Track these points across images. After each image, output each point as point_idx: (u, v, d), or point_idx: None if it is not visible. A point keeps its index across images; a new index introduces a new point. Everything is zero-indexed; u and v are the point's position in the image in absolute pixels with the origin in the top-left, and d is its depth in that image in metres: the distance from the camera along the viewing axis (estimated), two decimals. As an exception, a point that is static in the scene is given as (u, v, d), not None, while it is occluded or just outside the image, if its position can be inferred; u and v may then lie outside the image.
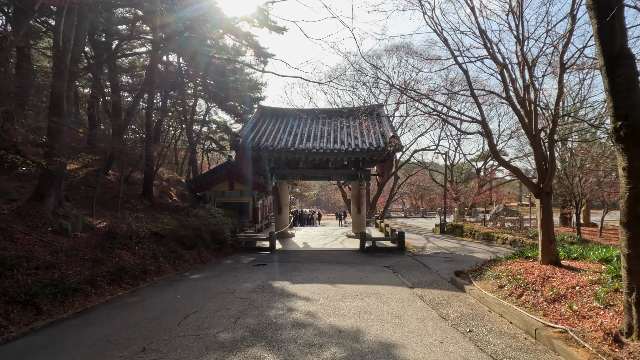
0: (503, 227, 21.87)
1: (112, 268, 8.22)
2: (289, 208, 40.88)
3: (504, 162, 8.82)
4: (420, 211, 42.13)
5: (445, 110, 9.15)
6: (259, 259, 12.89)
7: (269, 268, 11.06)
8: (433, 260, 13.32)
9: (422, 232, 24.31)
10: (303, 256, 13.70)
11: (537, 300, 6.34)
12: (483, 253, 15.02)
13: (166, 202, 16.52)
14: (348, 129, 17.48)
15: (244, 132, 16.68)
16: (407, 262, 12.67)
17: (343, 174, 17.26)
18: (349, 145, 15.80)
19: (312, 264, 11.89)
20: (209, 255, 12.79)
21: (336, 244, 17.00)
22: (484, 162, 32.99)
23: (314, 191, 48.11)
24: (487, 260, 10.28)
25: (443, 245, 17.34)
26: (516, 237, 16.64)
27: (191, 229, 12.87)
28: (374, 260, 13.02)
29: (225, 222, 14.77)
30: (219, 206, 22.17)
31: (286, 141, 16.25)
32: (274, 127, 17.70)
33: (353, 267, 11.48)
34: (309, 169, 17.31)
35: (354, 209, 18.74)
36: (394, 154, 15.39)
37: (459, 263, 12.66)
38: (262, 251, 15.22)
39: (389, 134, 15.67)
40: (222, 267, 11.29)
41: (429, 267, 11.86)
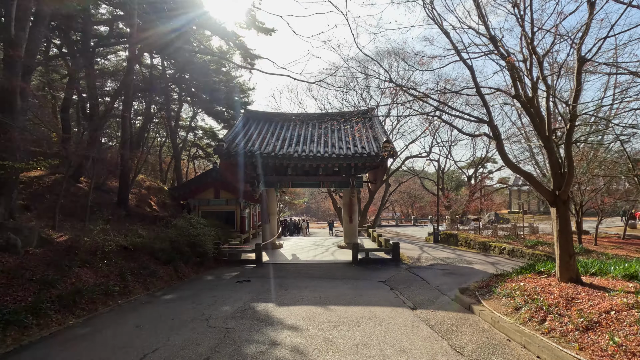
0: (497, 236, 21.06)
1: (65, 291, 6.91)
2: (277, 217, 39.62)
3: (514, 166, 7.91)
4: (412, 219, 41.33)
5: (447, 110, 8.16)
6: (243, 274, 11.64)
7: (253, 285, 9.83)
8: (431, 273, 12.29)
9: (415, 241, 23.33)
10: (291, 270, 12.50)
11: (566, 328, 5.31)
12: (482, 264, 14.08)
13: (144, 211, 15.18)
14: (339, 134, 16.50)
15: (229, 137, 15.52)
16: (404, 276, 11.59)
17: (334, 180, 16.21)
18: (340, 150, 14.80)
19: (301, 279, 10.70)
20: (188, 271, 11.49)
21: (327, 255, 15.85)
22: (475, 169, 32.46)
23: (304, 199, 46.88)
24: (492, 274, 9.27)
25: (439, 256, 16.36)
26: (514, 246, 15.77)
27: (168, 241, 11.57)
28: (368, 273, 11.91)
29: (207, 233, 13.49)
30: (203, 215, 20.89)
31: (274, 146, 15.16)
32: (261, 132, 16.60)
33: (346, 282, 10.34)
34: (298, 176, 16.21)
35: (346, 217, 17.68)
36: (387, 159, 14.45)
37: (459, 276, 11.66)
38: (248, 264, 13.97)
39: (382, 138, 14.74)
40: (200, 285, 10.01)
41: (428, 281, 10.81)
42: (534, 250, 14.59)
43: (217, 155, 14.90)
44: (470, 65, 7.76)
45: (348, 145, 15.33)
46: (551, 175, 7.17)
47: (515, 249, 15.50)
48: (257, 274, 11.66)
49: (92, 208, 13.05)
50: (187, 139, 32.51)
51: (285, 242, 20.52)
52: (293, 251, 16.95)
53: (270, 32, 17.46)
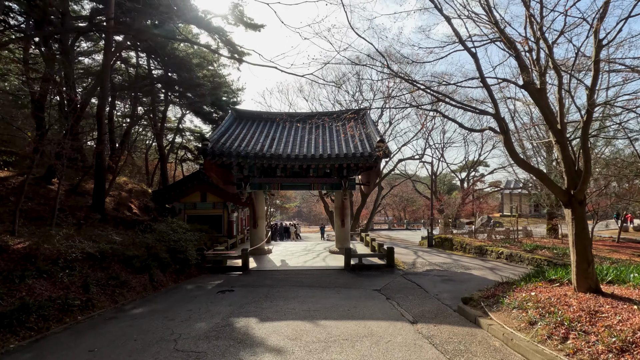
0: (491, 239, 20.39)
1: (10, 307, 5.86)
2: (266, 221, 38.41)
3: (523, 162, 7.16)
4: (405, 223, 40.64)
5: (448, 101, 7.37)
6: (226, 283, 10.63)
7: (235, 296, 8.84)
8: (428, 280, 11.45)
9: (409, 246, 22.56)
10: (279, 277, 11.54)
11: (595, 349, 4.49)
12: (480, 270, 13.32)
13: (123, 215, 14.08)
14: (331, 134, 15.66)
15: (214, 136, 14.54)
16: (400, 284, 10.73)
17: (325, 183, 15.34)
18: (332, 150, 13.95)
19: (289, 288, 9.75)
20: (166, 280, 10.45)
21: (318, 261, 14.92)
22: (468, 172, 31.95)
23: (295, 203, 45.86)
24: (497, 283, 8.45)
25: (434, 261, 15.56)
26: (512, 250, 15.05)
27: (144, 247, 10.52)
28: (362, 281, 11.02)
29: (189, 238, 12.46)
30: (189, 219, 19.79)
31: (262, 146, 14.24)
32: (249, 132, 15.67)
33: (338, 292, 9.42)
34: (288, 178, 15.29)
35: (337, 221, 16.79)
36: (381, 160, 13.65)
37: (458, 283, 10.85)
38: (233, 271, 12.96)
39: (376, 138, 13.94)
40: (177, 296, 8.98)
41: (426, 289, 9.97)
42: (533, 255, 13.88)
43: (201, 155, 13.92)
44: (474, 52, 7.00)
45: (340, 145, 14.49)
46: (565, 172, 6.41)
47: (513, 254, 14.78)
48: (242, 283, 10.67)
49: (64, 212, 11.94)
50: (175, 141, 31.37)
51: (275, 247, 19.53)
52: (282, 257, 15.98)
53: (259, 28, 16.62)
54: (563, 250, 13.62)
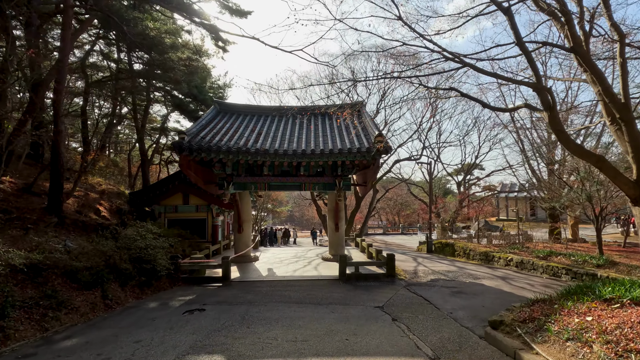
0: (492, 244, 18.85)
1: None
2: (256, 225, 36.22)
3: (578, 147, 5.59)
4: (400, 227, 38.98)
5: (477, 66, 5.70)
6: (199, 299, 8.75)
7: (205, 318, 6.99)
8: (435, 292, 9.74)
9: (407, 251, 20.86)
10: (264, 291, 9.70)
11: None
12: (491, 279, 11.66)
13: (86, 219, 12.14)
14: (324, 129, 13.95)
15: (192, 129, 12.71)
16: (405, 298, 8.98)
17: (318, 182, 13.60)
18: (325, 146, 12.24)
19: (274, 306, 7.92)
20: (125, 295, 8.54)
21: (309, 269, 13.10)
22: (465, 175, 30.55)
23: (287, 207, 43.93)
24: (531, 300, 6.73)
25: (438, 269, 13.87)
26: (523, 257, 13.44)
27: (99, 256, 8.62)
28: (360, 294, 9.24)
29: (158, 244, 10.56)
30: (170, 223, 17.87)
31: (247, 141, 12.45)
32: (233, 126, 13.87)
33: (332, 310, 7.62)
34: (276, 177, 13.51)
35: (331, 225, 15.03)
36: (380, 156, 11.98)
37: (471, 297, 9.15)
38: (212, 283, 11.10)
39: (374, 132, 12.29)
40: (132, 318, 7.09)
41: (437, 305, 8.25)
42: (548, 262, 12.28)
43: (176, 151, 12.07)
44: (506, 7, 5.37)
45: (334, 140, 12.78)
46: (632, 159, 4.77)
47: (524, 261, 13.16)
48: (218, 298, 8.80)
49: (9, 213, 9.96)
50: (160, 142, 29.38)
51: (263, 254, 17.65)
52: (270, 265, 14.12)
53: (246, 15, 14.93)
54: (582, 257, 12.04)
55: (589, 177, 11.83)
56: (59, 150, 10.74)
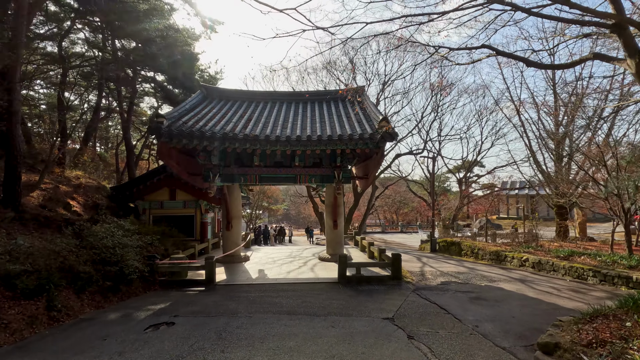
0: (495, 243, 17.48)
1: None
2: (251, 223, 34.54)
3: None
4: (399, 225, 37.53)
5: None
6: (171, 308, 7.20)
7: (170, 337, 5.45)
8: (451, 298, 8.28)
9: (409, 251, 19.40)
10: (251, 297, 8.18)
11: None
12: (508, 282, 10.22)
13: (51, 213, 10.55)
14: (322, 115, 12.43)
15: (173, 113, 11.15)
16: (417, 306, 7.50)
17: (315, 174, 12.09)
18: (323, 132, 10.73)
19: (260, 319, 6.40)
20: (81, 304, 6.97)
21: (305, 271, 11.58)
22: (466, 172, 29.17)
23: (283, 205, 42.34)
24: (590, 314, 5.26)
25: (446, 270, 12.42)
26: (541, 257, 12.02)
27: (49, 257, 7.04)
28: (364, 302, 7.75)
29: (129, 243, 9.00)
30: (156, 220, 16.30)
31: (234, 126, 10.90)
32: (220, 112, 12.32)
33: (332, 323, 6.12)
34: (268, 168, 11.99)
35: (329, 222, 13.54)
36: (385, 143, 10.50)
37: (494, 304, 7.70)
38: (194, 287, 9.58)
39: (378, 118, 10.81)
40: (77, 336, 5.53)
41: (456, 315, 6.77)
42: (570, 263, 10.86)
43: (154, 136, 10.51)
44: None
45: (333, 126, 11.27)
46: None
47: (543, 261, 11.74)
48: (195, 307, 7.26)
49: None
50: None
51: (254, 254, 16.11)
52: (261, 265, 12.59)
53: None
54: (609, 257, 10.64)
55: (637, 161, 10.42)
56: (14, 134, 9.12)
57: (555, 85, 21.52)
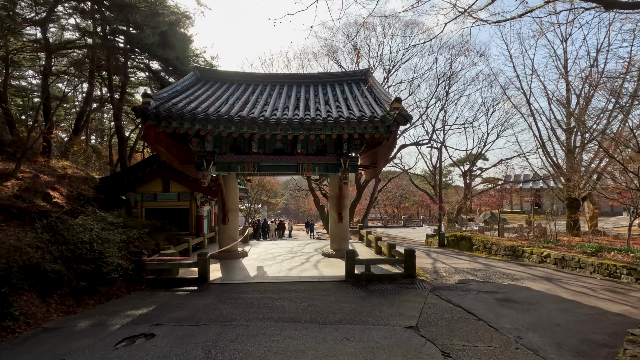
0: (503, 237, 16.41)
1: None
2: (245, 217, 33.27)
3: None
4: (402, 219, 36.44)
5: None
6: (155, 314, 6.07)
7: (146, 356, 4.32)
8: (476, 300, 7.19)
9: (415, 245, 18.31)
10: (249, 299, 7.06)
11: None
12: (534, 281, 9.13)
13: (26, 204, 9.38)
14: (326, 97, 11.22)
15: (162, 94, 9.93)
16: (440, 310, 6.40)
17: (318, 163, 10.93)
18: (329, 115, 9.54)
19: (259, 328, 5.28)
20: (47, 310, 5.83)
21: (307, 268, 10.47)
22: (470, 165, 28.07)
23: (283, 198, 41.14)
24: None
25: (460, 266, 11.35)
26: (564, 253, 10.94)
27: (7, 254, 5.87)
28: (378, 305, 6.64)
29: (110, 238, 7.84)
30: (149, 213, 15.17)
31: (230, 108, 9.70)
32: (215, 94, 11.09)
33: (346, 335, 5.00)
34: (268, 156, 10.81)
35: (333, 215, 12.41)
36: (397, 127, 9.33)
37: (528, 308, 6.61)
38: (185, 286, 8.46)
39: (389, 99, 9.65)
40: (26, 356, 4.39)
41: (490, 323, 5.68)
42: (600, 260, 9.78)
43: (140, 118, 9.29)
44: None
45: (339, 109, 10.07)
46: None
47: (567, 257, 10.66)
48: (183, 312, 6.12)
49: None
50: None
51: (253, 249, 14.99)
52: (260, 262, 11.47)
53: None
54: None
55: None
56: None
57: (567, 73, 20.33)
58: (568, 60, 19.89)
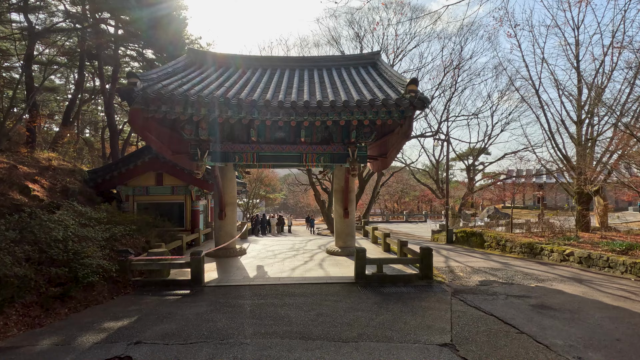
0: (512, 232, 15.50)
1: None
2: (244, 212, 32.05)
3: None
4: (404, 215, 35.50)
5: None
6: (136, 327, 5.04)
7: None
8: (506, 306, 6.24)
9: (421, 242, 17.37)
10: (248, 306, 6.04)
11: None
12: (563, 282, 8.19)
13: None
14: (332, 80, 10.13)
15: (151, 75, 8.81)
16: (473, 320, 5.43)
17: (324, 153, 9.89)
18: (337, 97, 8.47)
19: (262, 347, 4.26)
20: (6, 323, 4.79)
21: (312, 267, 9.45)
22: (474, 159, 27.16)
23: (281, 193, 40.06)
24: None
25: (475, 265, 10.40)
26: (590, 251, 10.00)
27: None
28: (398, 313, 5.66)
29: (89, 236, 6.78)
30: (140, 208, 14.10)
31: (227, 91, 8.60)
32: (211, 76, 9.95)
33: (368, 356, 4.01)
34: (268, 145, 9.75)
35: (338, 210, 11.40)
36: (413, 112, 8.29)
37: (571, 316, 5.66)
38: (176, 289, 7.46)
39: (403, 80, 8.60)
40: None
41: (535, 337, 4.76)
42: (634, 259, 8.84)
43: (125, 100, 8.17)
44: None
45: (348, 91, 8.99)
46: None
47: (593, 256, 9.72)
48: (171, 325, 5.10)
49: None
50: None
51: (252, 246, 13.97)
52: (260, 260, 10.46)
53: None
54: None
55: None
56: None
57: (579, 63, 19.28)
58: (580, 48, 18.88)
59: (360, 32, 18.98)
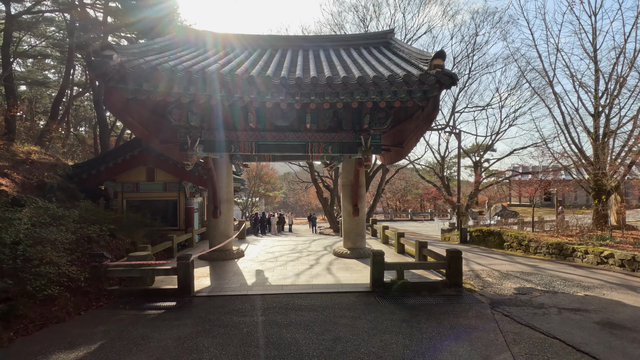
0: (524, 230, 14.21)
1: None
2: (242, 211, 30.56)
3: None
4: (409, 213, 34.16)
5: None
6: (97, 358, 3.71)
7: None
8: (565, 324, 4.94)
9: (431, 242, 16.06)
10: (245, 327, 4.71)
11: None
12: (613, 289, 6.90)
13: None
14: (341, 59, 8.78)
15: (131, 49, 7.45)
16: (537, 346, 4.11)
17: (331, 141, 8.54)
18: (350, 74, 7.14)
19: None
20: None
21: (319, 272, 8.12)
22: (481, 156, 25.86)
23: (281, 191, 38.60)
24: None
25: (501, 268, 9.10)
26: (635, 253, 8.69)
27: None
28: (436, 336, 4.33)
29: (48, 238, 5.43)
30: (130, 206, 12.79)
31: (221, 67, 7.25)
32: (202, 54, 8.60)
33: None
34: (269, 132, 8.42)
35: (347, 207, 10.08)
36: (440, 91, 6.97)
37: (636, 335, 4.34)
38: (161, 300, 6.14)
39: (425, 55, 7.29)
40: None
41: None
42: (690, 261, 7.55)
43: (97, 77, 6.81)
44: None
45: (361, 68, 7.66)
46: None
47: (639, 258, 8.42)
48: (142, 354, 3.77)
49: None
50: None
51: (251, 247, 12.63)
52: (260, 264, 9.12)
53: None
54: None
55: None
56: None
57: (596, 52, 17.97)
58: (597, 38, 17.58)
59: (366, 17, 17.60)
